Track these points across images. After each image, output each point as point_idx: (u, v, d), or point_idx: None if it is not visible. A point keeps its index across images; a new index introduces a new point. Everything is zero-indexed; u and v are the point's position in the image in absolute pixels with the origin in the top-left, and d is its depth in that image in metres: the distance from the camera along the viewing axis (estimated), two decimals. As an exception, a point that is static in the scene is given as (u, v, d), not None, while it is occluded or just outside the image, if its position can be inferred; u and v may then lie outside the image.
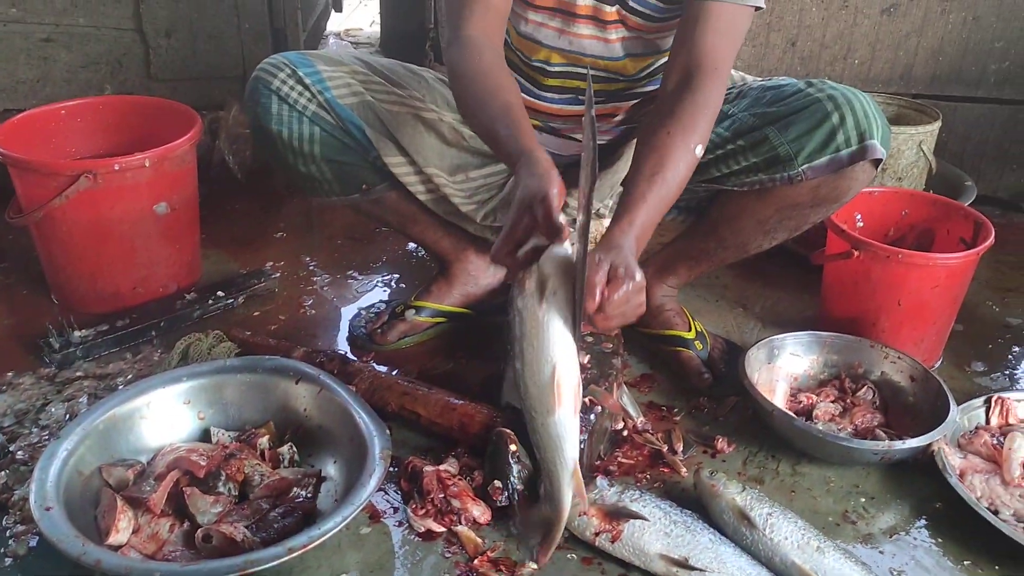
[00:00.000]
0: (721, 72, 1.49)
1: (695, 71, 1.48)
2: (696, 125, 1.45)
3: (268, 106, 1.69)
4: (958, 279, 1.83)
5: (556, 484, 1.28)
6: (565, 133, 1.78)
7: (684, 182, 1.45)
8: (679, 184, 1.44)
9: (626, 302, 1.24)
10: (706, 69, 1.48)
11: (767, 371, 1.77)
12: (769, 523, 1.39)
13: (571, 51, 1.66)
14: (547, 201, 1.19)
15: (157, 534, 1.39)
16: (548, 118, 1.76)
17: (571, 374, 1.22)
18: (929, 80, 2.59)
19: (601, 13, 1.60)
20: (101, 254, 1.94)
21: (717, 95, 1.49)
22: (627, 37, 1.64)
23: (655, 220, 1.41)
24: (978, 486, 1.54)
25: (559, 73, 1.69)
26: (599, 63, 1.67)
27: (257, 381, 1.63)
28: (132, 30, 2.59)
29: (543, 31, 1.65)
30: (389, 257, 2.35)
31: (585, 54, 1.66)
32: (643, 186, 1.40)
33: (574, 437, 1.25)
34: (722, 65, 1.50)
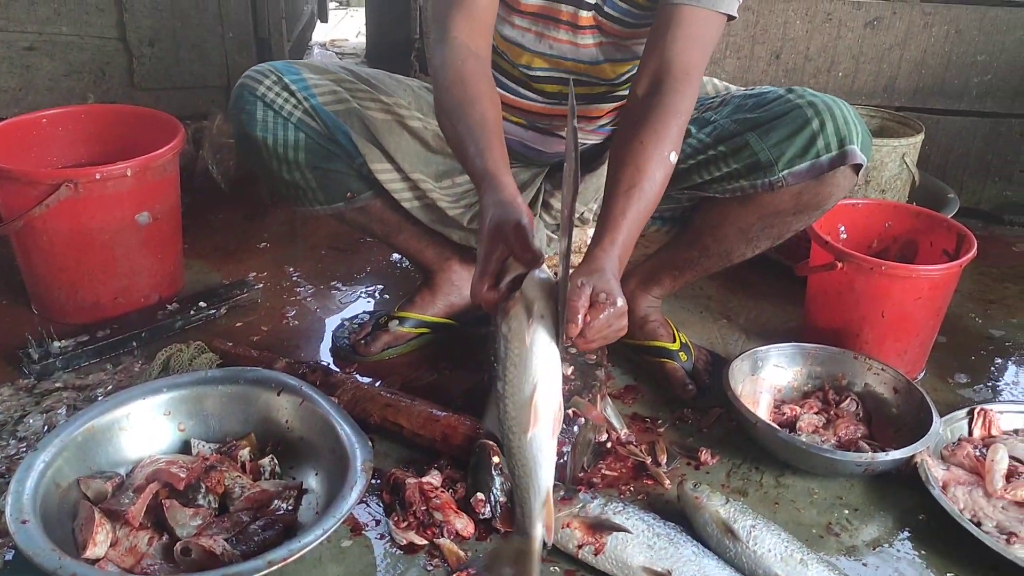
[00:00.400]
0: (691, 77, 1.48)
1: (665, 77, 1.47)
2: (668, 132, 1.43)
3: (253, 112, 1.68)
4: (941, 291, 1.84)
5: (527, 512, 1.19)
6: (550, 130, 1.78)
7: (661, 191, 1.44)
8: (657, 194, 1.43)
9: (608, 327, 1.23)
10: (676, 75, 1.47)
11: (751, 383, 1.77)
12: (752, 535, 1.39)
13: (551, 55, 1.66)
14: (520, 231, 1.18)
15: (135, 547, 1.38)
16: (534, 117, 1.76)
17: (552, 395, 1.19)
18: (912, 93, 2.60)
19: (577, 19, 1.61)
20: (82, 264, 1.93)
21: (688, 101, 1.48)
22: (603, 42, 1.65)
23: (636, 234, 1.40)
24: (961, 498, 1.54)
25: (542, 77, 1.69)
26: (579, 67, 1.67)
27: (238, 392, 1.61)
28: (115, 39, 2.59)
29: (526, 35, 1.65)
30: (373, 267, 2.34)
31: (565, 58, 1.66)
32: (621, 201, 1.38)
33: (550, 463, 1.18)
34: (692, 71, 1.49)
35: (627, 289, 1.90)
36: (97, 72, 2.62)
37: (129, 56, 2.60)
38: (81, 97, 2.63)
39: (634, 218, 1.38)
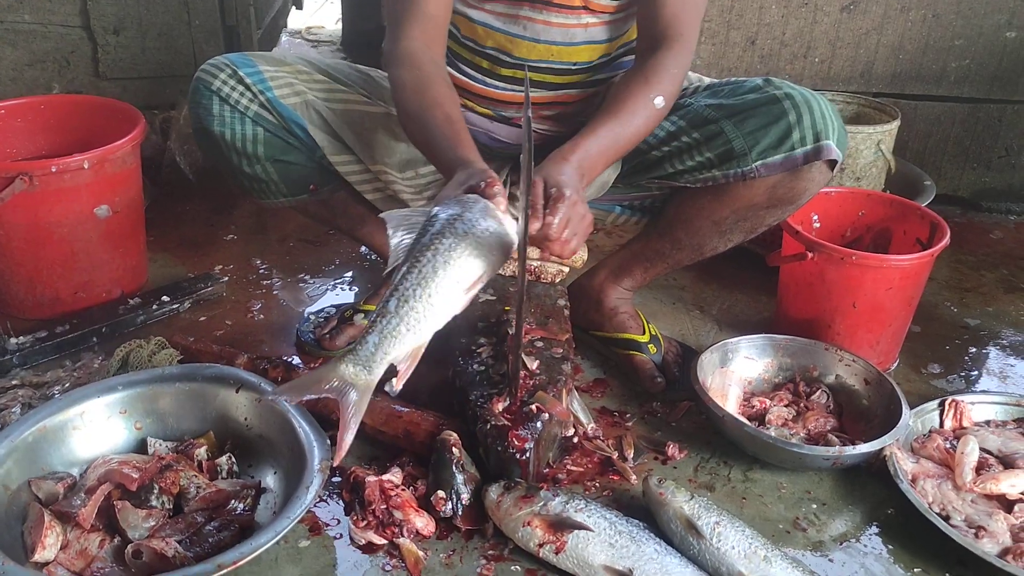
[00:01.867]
0: (686, 38, 1.54)
1: (660, 41, 1.53)
2: (658, 78, 1.50)
3: (209, 107, 1.65)
4: (913, 280, 1.81)
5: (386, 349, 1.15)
6: (517, 121, 1.75)
7: (641, 128, 1.51)
8: (634, 128, 1.49)
9: (567, 221, 1.27)
10: (671, 37, 1.53)
11: (720, 375, 1.75)
12: (716, 532, 1.37)
13: (524, 36, 1.62)
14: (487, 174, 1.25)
15: (86, 550, 1.35)
16: (501, 106, 1.72)
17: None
18: (890, 78, 2.57)
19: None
20: (40, 258, 1.89)
21: (681, 59, 1.54)
22: (591, 24, 1.62)
23: (604, 154, 1.45)
24: (930, 491, 1.52)
25: (512, 63, 1.66)
26: (553, 49, 1.64)
27: (196, 390, 1.58)
28: (79, 27, 2.53)
29: (499, 17, 1.61)
30: (343, 260, 2.30)
31: (539, 40, 1.62)
32: (595, 122, 1.46)
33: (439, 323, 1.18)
34: (687, 31, 1.54)
35: (597, 280, 1.88)
36: (61, 61, 2.56)
37: (94, 45, 2.54)
38: (46, 87, 2.58)
39: (604, 135, 1.44)
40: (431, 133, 1.42)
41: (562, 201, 1.26)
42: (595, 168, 1.42)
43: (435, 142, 1.41)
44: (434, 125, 1.42)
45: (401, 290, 1.15)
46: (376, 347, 1.15)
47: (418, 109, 1.46)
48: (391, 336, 1.15)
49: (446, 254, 1.15)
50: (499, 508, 1.41)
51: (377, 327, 1.15)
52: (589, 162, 1.40)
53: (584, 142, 1.41)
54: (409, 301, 1.15)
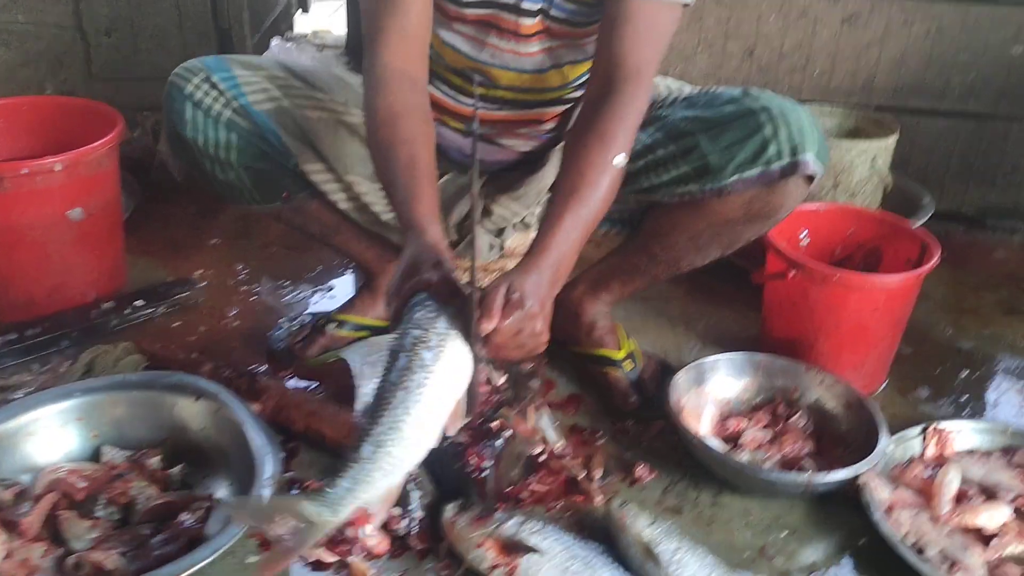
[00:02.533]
0: (643, 75, 1.42)
1: (615, 76, 1.41)
2: (615, 136, 1.38)
3: (182, 112, 1.63)
4: (899, 302, 1.75)
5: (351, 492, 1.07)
6: (490, 138, 1.71)
7: (608, 196, 1.38)
8: (601, 200, 1.37)
9: (518, 331, 1.19)
10: (626, 73, 1.40)
11: (695, 394, 1.70)
12: (675, 559, 1.32)
13: (492, 64, 1.58)
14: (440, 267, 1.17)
15: (28, 560, 1.32)
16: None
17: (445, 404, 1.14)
18: (891, 92, 2.50)
19: (519, 27, 1.52)
20: (12, 261, 1.87)
21: (639, 101, 1.41)
22: (552, 47, 1.57)
23: (576, 240, 1.33)
24: (905, 522, 1.46)
25: (482, 83, 1.62)
26: (524, 77, 1.60)
27: (155, 398, 1.56)
28: (72, 28, 2.53)
29: (468, 42, 1.57)
30: (325, 267, 2.27)
31: (509, 68, 1.58)
32: (560, 208, 1.33)
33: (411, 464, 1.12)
34: (645, 68, 1.42)
35: (575, 294, 1.83)
36: (54, 62, 2.56)
37: (86, 46, 2.54)
38: (39, 87, 2.58)
39: (573, 225, 1.32)
40: (392, 176, 1.35)
41: (520, 308, 1.18)
42: (569, 262, 1.33)
43: (394, 189, 1.34)
44: (397, 168, 1.34)
45: (375, 435, 1.09)
46: (348, 492, 1.07)
47: (387, 144, 1.38)
48: (364, 482, 1.08)
49: (417, 392, 1.09)
50: (453, 528, 1.38)
51: (350, 472, 1.08)
52: (564, 261, 1.31)
53: (553, 242, 1.29)
54: (384, 446, 1.08)
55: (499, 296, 1.18)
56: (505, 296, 1.19)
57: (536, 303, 1.21)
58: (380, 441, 1.08)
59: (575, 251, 1.34)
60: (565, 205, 1.33)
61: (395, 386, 1.09)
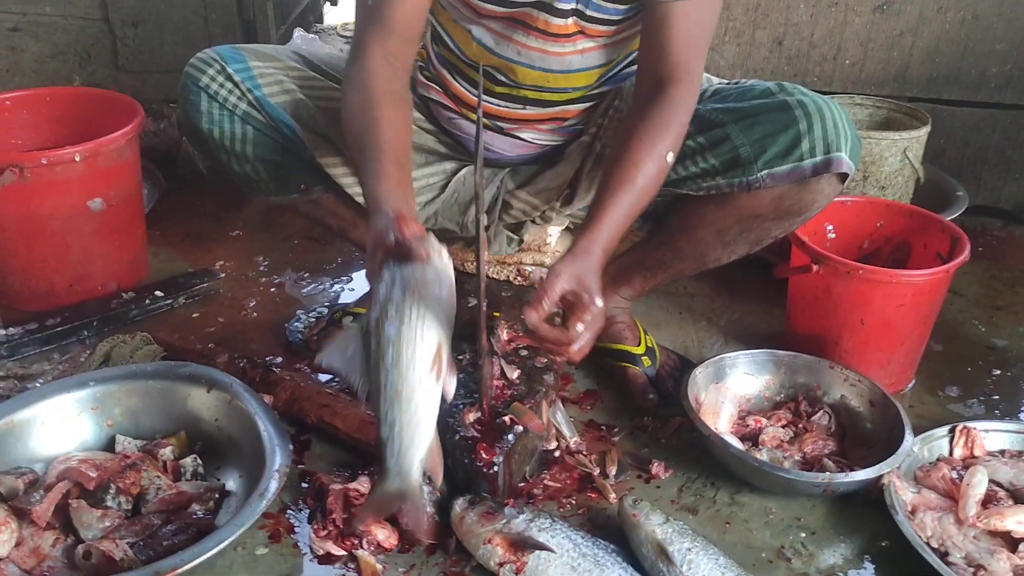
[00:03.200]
0: (694, 75, 1.44)
1: (667, 79, 1.42)
2: (668, 130, 1.40)
3: (197, 103, 1.63)
4: (927, 297, 1.70)
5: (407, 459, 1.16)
6: (511, 132, 1.69)
7: (654, 189, 1.41)
8: (649, 191, 1.40)
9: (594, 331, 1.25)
10: (676, 78, 1.42)
11: (714, 391, 1.66)
12: (688, 559, 1.29)
13: (517, 61, 1.55)
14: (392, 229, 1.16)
15: (39, 548, 1.33)
16: (495, 118, 1.66)
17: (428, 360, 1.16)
18: (925, 82, 2.44)
19: (553, 27, 1.49)
20: (33, 251, 1.89)
21: (689, 99, 1.44)
22: (588, 49, 1.54)
23: (623, 226, 1.38)
24: (929, 524, 1.42)
25: (507, 83, 1.60)
26: (549, 76, 1.57)
27: (169, 388, 1.56)
28: (99, 20, 2.55)
29: (494, 38, 1.54)
30: (345, 259, 2.26)
31: (535, 67, 1.56)
32: (612, 194, 1.37)
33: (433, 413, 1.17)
34: (695, 67, 1.45)
35: (595, 287, 1.81)
36: (82, 54, 2.58)
37: (113, 38, 2.56)
38: (67, 79, 2.60)
39: (622, 210, 1.36)
40: (362, 158, 1.35)
41: (590, 313, 1.23)
42: (613, 245, 1.37)
43: (364, 171, 1.35)
44: (366, 152, 1.34)
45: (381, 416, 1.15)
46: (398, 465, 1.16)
47: (357, 132, 1.39)
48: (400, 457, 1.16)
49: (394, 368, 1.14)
50: (462, 523, 1.36)
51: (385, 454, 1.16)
52: (611, 244, 1.36)
53: (604, 225, 1.34)
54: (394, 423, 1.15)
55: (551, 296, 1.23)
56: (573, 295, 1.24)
57: (602, 299, 1.26)
58: (390, 420, 1.14)
59: (619, 235, 1.38)
60: (616, 191, 1.37)
61: (376, 368, 1.14)
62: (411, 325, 1.13)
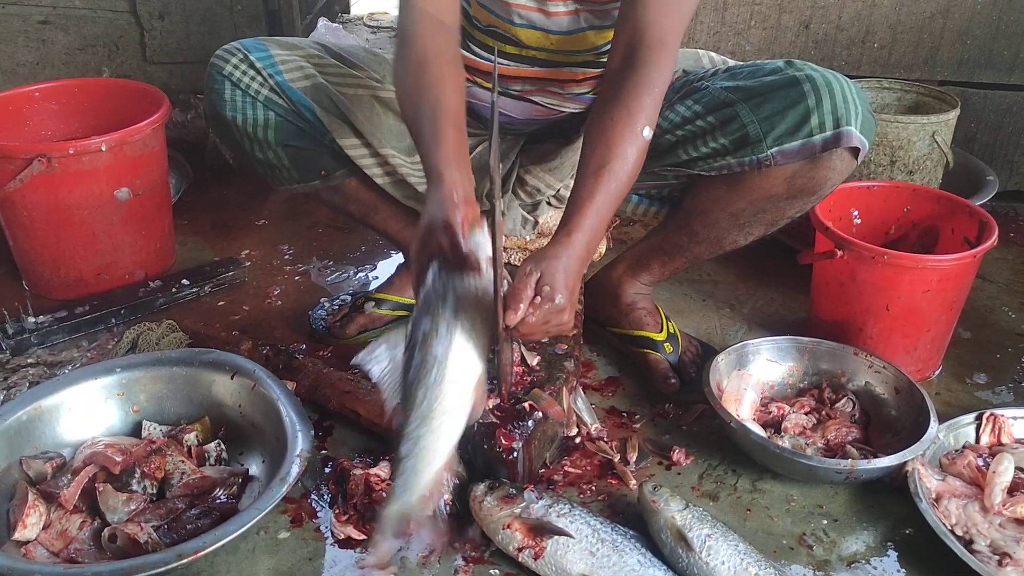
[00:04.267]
0: (668, 45, 1.40)
1: (638, 46, 1.40)
2: (642, 106, 1.37)
3: (221, 92, 1.64)
4: (953, 283, 1.67)
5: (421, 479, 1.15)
6: (525, 95, 1.68)
7: (635, 169, 1.38)
8: (629, 173, 1.37)
9: (544, 322, 1.23)
10: (650, 43, 1.39)
11: (737, 378, 1.65)
12: (707, 545, 1.28)
13: (521, 24, 1.57)
14: (450, 229, 1.16)
15: (66, 531, 1.35)
16: (509, 82, 1.67)
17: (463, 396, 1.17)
18: (956, 65, 2.39)
19: None
20: (62, 239, 1.92)
21: (663, 71, 1.40)
22: (579, 9, 1.54)
23: (607, 215, 1.35)
24: (954, 512, 1.40)
25: (515, 41, 1.60)
26: (552, 38, 1.58)
27: (193, 374, 1.58)
28: (127, 12, 2.57)
29: (497, 3, 1.55)
30: (369, 247, 2.28)
31: (536, 27, 1.57)
32: (590, 183, 1.34)
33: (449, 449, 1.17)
34: (669, 38, 1.40)
35: (615, 275, 1.81)
36: (111, 46, 2.61)
37: (141, 30, 2.59)
38: (96, 71, 2.64)
39: (603, 200, 1.33)
40: (419, 122, 1.36)
41: (550, 302, 1.22)
42: (599, 237, 1.35)
43: (420, 135, 1.35)
44: (422, 113, 1.35)
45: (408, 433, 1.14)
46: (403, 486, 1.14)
47: (414, 91, 1.40)
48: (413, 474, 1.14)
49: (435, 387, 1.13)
50: (481, 508, 1.36)
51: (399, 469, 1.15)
52: (594, 237, 1.33)
53: (585, 219, 1.31)
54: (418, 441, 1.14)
55: (527, 289, 1.22)
56: (535, 289, 1.22)
57: (565, 296, 1.23)
58: (415, 438, 1.14)
59: (605, 226, 1.36)
60: (596, 180, 1.33)
61: (415, 384, 1.14)
62: (461, 349, 1.14)
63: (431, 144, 1.30)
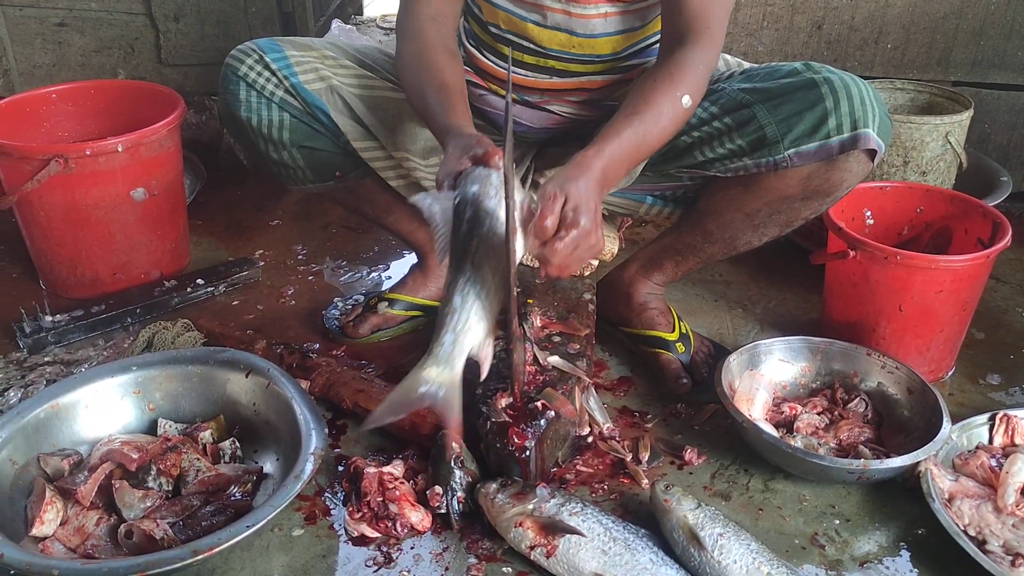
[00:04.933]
0: (713, 32, 1.45)
1: (686, 34, 1.44)
2: (684, 76, 1.42)
3: (236, 92, 1.65)
4: (966, 283, 1.67)
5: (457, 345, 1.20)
6: (540, 104, 1.69)
7: (667, 128, 1.42)
8: (660, 129, 1.40)
9: (575, 247, 1.23)
10: (697, 30, 1.44)
11: (749, 378, 1.65)
12: (719, 544, 1.29)
13: (545, 25, 1.57)
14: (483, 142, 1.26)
15: (83, 527, 1.36)
16: (525, 92, 1.67)
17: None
18: (970, 66, 2.39)
19: None
20: (79, 239, 1.94)
21: (708, 54, 1.45)
22: (610, 13, 1.55)
23: (630, 155, 1.38)
24: (967, 512, 1.40)
25: (535, 50, 1.61)
26: (574, 40, 1.58)
27: (208, 373, 1.59)
28: (143, 14, 2.60)
29: (519, 4, 1.56)
30: (382, 248, 2.29)
31: (560, 29, 1.57)
32: (620, 121, 1.38)
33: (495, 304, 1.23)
34: (714, 25, 1.45)
35: (627, 274, 1.81)
36: (127, 48, 2.64)
37: (156, 32, 2.61)
38: (112, 73, 2.66)
39: (629, 138, 1.36)
40: (426, 100, 1.43)
41: (576, 228, 1.22)
42: (619, 173, 1.37)
43: (429, 108, 1.42)
44: (428, 91, 1.43)
45: (460, 285, 1.20)
46: (453, 344, 1.20)
47: (416, 77, 1.48)
48: (464, 331, 1.20)
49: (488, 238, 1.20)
50: (493, 506, 1.37)
51: (448, 325, 1.20)
52: (613, 169, 1.34)
53: (607, 146, 1.33)
54: (470, 294, 1.20)
55: (555, 211, 1.22)
56: (560, 214, 1.22)
57: (589, 217, 1.23)
58: (465, 290, 1.19)
59: (625, 164, 1.38)
60: (625, 120, 1.37)
61: (468, 237, 1.20)
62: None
63: (444, 113, 1.38)
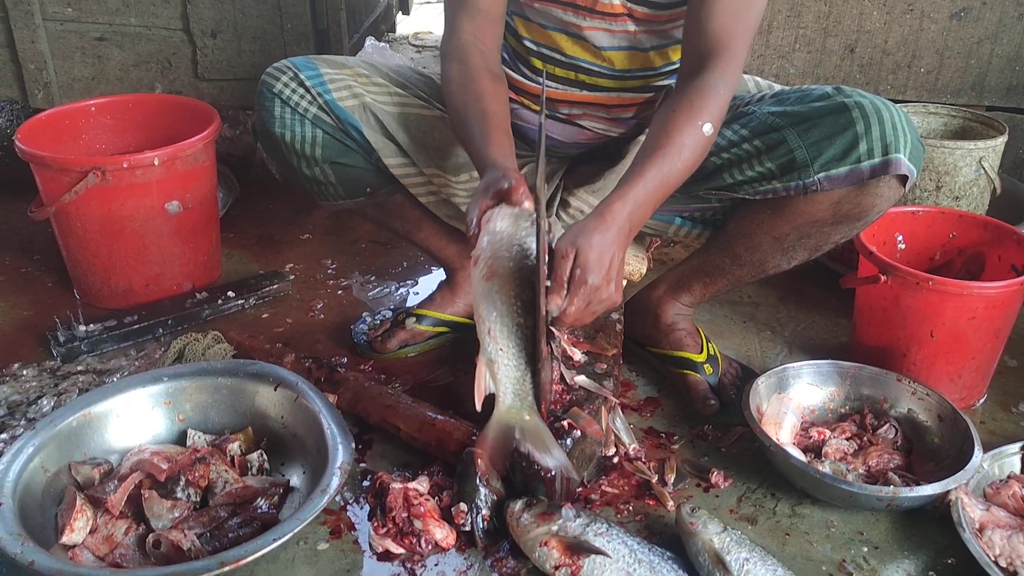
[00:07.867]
0: (734, 53, 1.44)
1: (706, 55, 1.44)
2: (704, 104, 1.40)
3: (271, 109, 1.68)
4: (1000, 311, 1.65)
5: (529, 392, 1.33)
6: (572, 119, 1.70)
7: (692, 159, 1.41)
8: (683, 163, 1.39)
9: (586, 304, 1.27)
10: (717, 52, 1.43)
11: (777, 401, 1.64)
12: (745, 569, 1.28)
13: (574, 36, 1.60)
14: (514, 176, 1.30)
15: (112, 536, 1.38)
16: (555, 105, 1.69)
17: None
18: (1004, 91, 2.37)
19: (602, 6, 1.54)
20: (113, 250, 1.96)
21: (729, 77, 1.44)
22: (637, 31, 1.56)
23: (655, 194, 1.37)
24: (997, 543, 1.38)
25: (565, 63, 1.63)
26: (602, 54, 1.60)
27: (237, 385, 1.60)
28: (180, 30, 2.64)
29: (552, 19, 1.59)
30: (411, 263, 2.30)
31: (594, 45, 1.59)
32: (643, 161, 1.38)
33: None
34: (735, 46, 1.44)
35: (655, 295, 1.81)
36: (164, 63, 2.68)
37: (193, 47, 2.65)
38: (149, 87, 2.70)
39: (653, 178, 1.36)
40: (469, 129, 1.45)
41: (584, 286, 1.25)
42: (646, 214, 1.37)
43: (471, 139, 1.44)
44: (472, 121, 1.45)
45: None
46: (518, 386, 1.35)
47: (461, 104, 1.50)
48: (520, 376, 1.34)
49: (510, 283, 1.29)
50: (518, 525, 1.36)
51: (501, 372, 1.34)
52: (639, 212, 1.35)
53: (632, 190, 1.33)
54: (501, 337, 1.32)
55: (565, 269, 1.25)
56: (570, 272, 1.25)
57: (600, 274, 1.25)
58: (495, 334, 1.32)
59: (652, 204, 1.37)
60: (648, 159, 1.37)
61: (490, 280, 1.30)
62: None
63: (484, 145, 1.40)
